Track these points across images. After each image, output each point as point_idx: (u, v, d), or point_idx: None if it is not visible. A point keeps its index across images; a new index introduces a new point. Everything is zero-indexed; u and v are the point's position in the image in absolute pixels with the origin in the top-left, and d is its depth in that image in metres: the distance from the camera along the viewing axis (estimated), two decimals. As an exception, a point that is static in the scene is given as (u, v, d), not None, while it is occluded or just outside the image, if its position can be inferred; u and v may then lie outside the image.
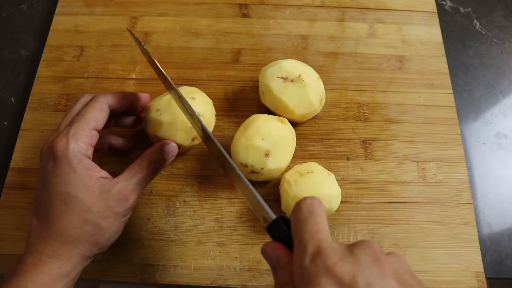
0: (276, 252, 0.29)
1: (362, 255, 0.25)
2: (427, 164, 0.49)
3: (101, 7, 0.59)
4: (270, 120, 0.44)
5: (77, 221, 0.34)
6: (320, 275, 0.24)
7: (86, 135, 0.37)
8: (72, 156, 0.35)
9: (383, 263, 0.25)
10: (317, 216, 0.28)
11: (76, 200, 0.34)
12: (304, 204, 0.29)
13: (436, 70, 0.55)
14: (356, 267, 0.24)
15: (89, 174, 0.35)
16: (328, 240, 0.26)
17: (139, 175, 0.37)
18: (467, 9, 0.62)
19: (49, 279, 0.33)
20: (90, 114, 0.38)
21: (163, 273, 0.44)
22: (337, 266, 0.24)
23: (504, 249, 0.47)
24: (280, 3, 0.59)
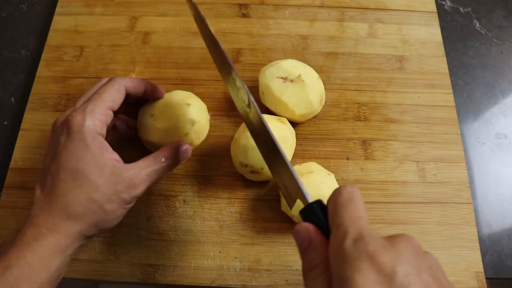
0: (309, 233, 0.28)
1: (402, 247, 0.25)
2: (427, 164, 0.49)
3: (101, 7, 0.59)
4: (270, 120, 0.44)
5: (83, 198, 0.34)
6: (361, 260, 0.24)
7: (103, 114, 0.37)
8: (87, 133, 0.35)
9: (421, 258, 0.25)
10: (358, 203, 0.28)
11: (86, 177, 0.34)
12: (344, 190, 0.28)
13: (436, 70, 0.55)
14: (397, 258, 0.24)
15: (101, 153, 0.35)
16: (368, 228, 0.26)
17: (152, 167, 0.38)
18: (467, 9, 0.62)
19: (47, 252, 0.33)
20: (108, 93, 0.38)
21: (163, 273, 0.44)
22: (379, 253, 0.24)
23: (504, 249, 0.47)
24: (280, 3, 0.59)
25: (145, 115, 0.45)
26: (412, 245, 0.26)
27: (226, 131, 0.51)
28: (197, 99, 0.47)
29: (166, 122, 0.44)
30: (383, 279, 0.23)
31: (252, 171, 0.44)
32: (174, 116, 0.44)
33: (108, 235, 0.45)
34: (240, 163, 0.44)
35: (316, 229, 0.28)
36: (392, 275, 0.23)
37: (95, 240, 0.45)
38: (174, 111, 0.44)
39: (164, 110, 0.44)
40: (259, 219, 0.46)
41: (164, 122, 0.44)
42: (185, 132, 0.45)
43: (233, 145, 0.45)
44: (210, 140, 0.50)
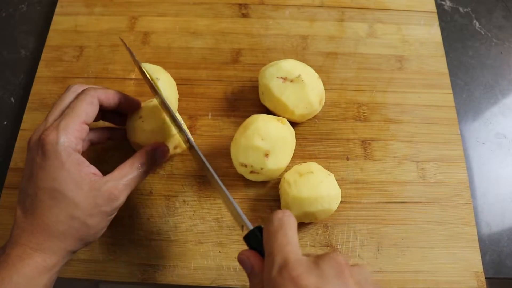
0: (250, 260, 0.31)
1: (326, 267, 0.27)
2: (426, 164, 0.49)
3: (100, 7, 0.59)
4: (270, 120, 0.44)
5: (64, 216, 0.34)
6: (286, 286, 0.26)
7: (77, 129, 0.36)
8: (62, 150, 0.34)
9: (347, 275, 0.26)
10: (287, 229, 0.29)
11: (63, 196, 0.34)
12: (275, 218, 0.30)
13: (435, 70, 0.55)
14: (320, 279, 0.26)
15: (78, 170, 0.35)
16: (295, 253, 0.28)
17: (129, 176, 0.37)
18: (467, 9, 0.62)
19: (34, 272, 0.33)
20: (80, 107, 0.37)
21: (163, 273, 0.44)
22: (302, 277, 0.26)
23: (503, 249, 0.47)
24: (280, 3, 0.59)
25: (134, 117, 0.45)
26: (336, 263, 0.27)
27: (226, 131, 0.51)
28: (167, 74, 0.45)
29: (154, 123, 0.44)
30: None
31: (252, 171, 0.44)
32: (161, 118, 0.44)
33: (108, 235, 0.45)
34: (240, 163, 0.44)
35: (257, 255, 0.31)
36: None
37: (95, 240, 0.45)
38: (161, 112, 0.44)
39: (153, 111, 0.44)
40: (259, 219, 0.46)
41: (153, 123, 0.44)
42: (173, 132, 0.44)
43: (233, 145, 0.45)
44: (210, 140, 0.50)
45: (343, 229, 0.46)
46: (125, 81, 0.54)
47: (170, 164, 0.49)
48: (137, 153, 0.39)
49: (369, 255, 0.45)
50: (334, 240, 0.45)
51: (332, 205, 0.43)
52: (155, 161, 0.40)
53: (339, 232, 0.46)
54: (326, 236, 0.46)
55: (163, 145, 0.41)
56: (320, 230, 0.46)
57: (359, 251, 0.45)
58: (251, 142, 0.42)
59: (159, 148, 0.40)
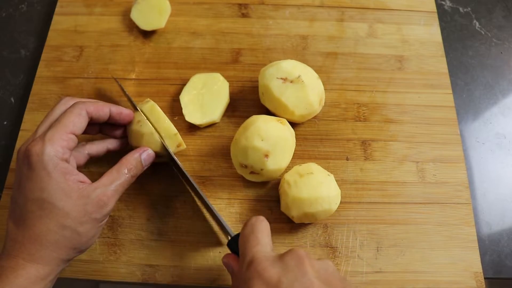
0: (230, 263, 0.36)
1: (288, 260, 0.31)
2: (426, 165, 0.49)
3: (100, 7, 0.59)
4: (270, 120, 0.44)
5: (54, 226, 0.34)
6: (253, 278, 0.30)
7: (63, 139, 0.36)
8: (48, 160, 0.34)
9: (307, 265, 0.31)
10: (258, 232, 0.34)
11: (53, 206, 0.34)
12: (248, 223, 0.35)
13: (435, 70, 0.55)
14: (282, 270, 0.30)
15: (65, 179, 0.35)
16: (263, 251, 0.33)
17: (117, 182, 0.38)
18: (467, 9, 0.62)
19: (27, 282, 0.33)
20: (67, 118, 0.37)
21: (163, 273, 0.44)
22: (266, 270, 0.30)
23: (503, 249, 0.47)
24: (280, 3, 0.59)
25: (133, 122, 0.44)
26: (297, 256, 0.31)
27: (226, 132, 0.51)
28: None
29: (152, 125, 0.44)
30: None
31: (252, 171, 0.44)
32: (159, 121, 0.44)
33: (108, 235, 0.45)
34: (240, 164, 0.44)
35: (236, 258, 0.36)
36: (278, 285, 0.29)
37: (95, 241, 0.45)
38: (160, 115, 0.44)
39: (150, 115, 0.44)
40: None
41: (150, 126, 0.44)
42: (174, 132, 0.44)
43: (233, 146, 0.45)
44: (210, 140, 0.50)
45: (343, 229, 0.46)
46: (125, 81, 0.54)
47: (170, 164, 0.49)
48: (123, 158, 0.40)
49: (369, 255, 0.45)
50: (334, 240, 0.45)
51: (332, 206, 0.43)
52: (141, 165, 0.41)
53: (339, 233, 0.46)
54: (326, 237, 0.46)
55: (147, 149, 0.42)
56: (320, 231, 0.46)
57: (359, 251, 0.45)
58: (251, 143, 0.42)
59: (144, 152, 0.41)
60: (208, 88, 0.51)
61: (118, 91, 0.53)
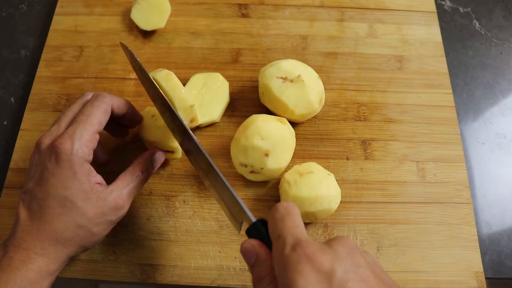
0: (255, 249, 0.30)
1: (339, 247, 0.27)
2: (426, 164, 0.49)
3: (100, 7, 0.59)
4: (270, 120, 0.44)
5: (72, 224, 0.35)
6: (301, 263, 0.26)
7: (90, 140, 0.37)
8: (76, 160, 0.35)
9: (359, 256, 0.27)
10: (294, 216, 0.30)
11: (73, 205, 0.35)
12: (280, 206, 0.30)
13: (435, 70, 0.55)
14: (334, 257, 0.26)
15: (88, 180, 0.36)
16: (305, 235, 0.29)
17: (131, 184, 0.38)
18: (467, 9, 0.62)
19: (37, 276, 0.33)
20: (95, 116, 0.37)
21: (163, 273, 0.44)
22: (317, 254, 0.26)
23: (503, 249, 0.47)
24: (280, 3, 0.59)
25: (147, 116, 0.45)
26: (348, 244, 0.28)
27: (226, 131, 0.51)
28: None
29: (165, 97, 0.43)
30: (323, 278, 0.25)
31: (252, 171, 0.44)
32: (177, 89, 0.43)
33: (108, 235, 0.45)
34: (240, 163, 0.44)
35: (261, 244, 0.31)
36: (331, 273, 0.25)
37: (95, 241, 0.45)
38: (176, 84, 0.43)
39: (166, 82, 0.43)
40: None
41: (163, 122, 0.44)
42: (190, 104, 0.43)
43: (233, 145, 0.45)
44: (210, 140, 0.50)
45: (343, 229, 0.46)
46: (125, 81, 0.54)
47: (170, 164, 0.49)
48: (136, 160, 0.40)
49: (369, 255, 0.45)
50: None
51: (332, 205, 0.43)
52: (152, 167, 0.41)
53: (339, 232, 0.46)
54: (326, 236, 0.46)
55: (158, 150, 0.42)
56: (320, 230, 0.46)
57: (359, 251, 0.45)
58: (251, 142, 0.42)
59: (156, 154, 0.42)
60: (208, 87, 0.51)
61: (118, 91, 0.53)
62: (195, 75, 0.52)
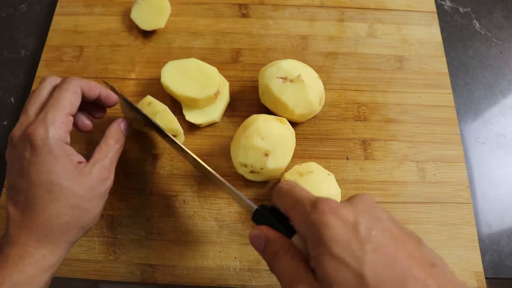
0: (263, 232, 0.31)
1: (359, 203, 0.28)
2: (426, 164, 0.49)
3: (100, 7, 0.59)
4: (270, 120, 0.44)
5: (64, 208, 0.34)
6: (326, 215, 0.26)
7: (64, 122, 0.36)
8: (54, 144, 0.34)
9: (379, 209, 0.28)
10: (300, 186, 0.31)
11: (61, 187, 0.34)
12: (284, 183, 0.32)
13: (435, 70, 0.55)
14: (356, 210, 0.27)
15: (70, 160, 0.35)
16: (317, 195, 0.29)
17: (110, 154, 0.39)
18: (467, 9, 0.62)
19: (36, 269, 0.33)
20: (65, 98, 0.36)
21: (163, 273, 0.44)
22: (339, 208, 0.27)
23: (503, 249, 0.47)
24: (280, 3, 0.59)
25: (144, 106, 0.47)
26: (367, 199, 0.29)
27: (226, 131, 0.51)
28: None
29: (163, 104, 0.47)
30: (349, 228, 0.26)
31: (252, 171, 0.44)
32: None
33: (108, 235, 0.45)
34: (240, 163, 0.44)
35: (268, 228, 0.31)
36: (356, 223, 0.26)
37: (95, 240, 0.45)
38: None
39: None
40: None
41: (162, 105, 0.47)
42: None
43: (233, 145, 0.45)
44: (210, 140, 0.50)
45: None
46: (125, 81, 0.54)
47: (170, 164, 0.49)
48: (106, 131, 0.40)
49: (369, 255, 0.45)
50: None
51: (332, 205, 0.43)
52: (123, 135, 0.42)
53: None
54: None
55: (123, 119, 0.42)
56: (320, 230, 0.46)
57: (359, 251, 0.45)
58: (251, 142, 0.42)
59: (122, 122, 0.42)
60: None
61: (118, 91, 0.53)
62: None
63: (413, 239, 0.27)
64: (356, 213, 0.27)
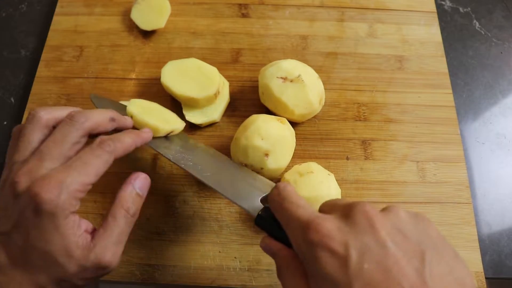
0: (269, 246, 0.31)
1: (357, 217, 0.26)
2: (426, 164, 0.49)
3: (100, 7, 0.59)
4: (270, 120, 0.44)
5: (54, 278, 0.31)
6: (316, 250, 0.25)
7: (82, 191, 0.31)
8: (60, 213, 0.29)
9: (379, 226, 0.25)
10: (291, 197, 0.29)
11: (55, 261, 0.30)
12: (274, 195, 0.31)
13: (435, 70, 0.55)
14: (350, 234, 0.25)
15: (72, 233, 0.30)
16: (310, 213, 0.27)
17: (116, 231, 0.32)
18: (467, 9, 0.62)
19: None
20: (94, 165, 0.31)
21: (163, 273, 0.44)
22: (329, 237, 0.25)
23: (503, 249, 0.47)
24: (280, 3, 0.59)
25: None
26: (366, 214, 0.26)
27: (226, 131, 0.51)
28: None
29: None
30: (340, 263, 0.24)
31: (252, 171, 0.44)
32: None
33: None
34: (240, 163, 0.44)
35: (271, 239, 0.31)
36: (347, 257, 0.24)
37: None
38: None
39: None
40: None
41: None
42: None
43: (233, 145, 0.45)
44: (211, 140, 0.50)
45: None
46: (125, 81, 0.54)
47: (170, 164, 0.49)
48: (116, 198, 0.33)
49: (369, 255, 0.45)
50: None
51: (332, 205, 0.43)
52: (140, 197, 0.34)
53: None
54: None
55: (139, 175, 0.35)
56: (320, 230, 0.46)
57: (359, 251, 0.45)
58: (251, 142, 0.42)
59: (137, 180, 0.34)
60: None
61: (118, 91, 0.53)
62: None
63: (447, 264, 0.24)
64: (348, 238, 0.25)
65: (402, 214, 0.27)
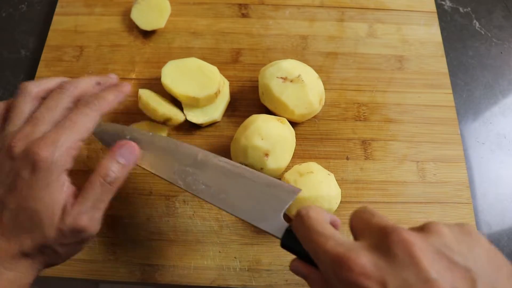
0: (299, 269, 0.29)
1: (397, 251, 0.23)
2: (426, 164, 0.49)
3: (100, 7, 0.59)
4: (270, 120, 0.44)
5: (38, 243, 0.31)
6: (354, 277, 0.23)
7: (74, 148, 0.32)
8: (54, 170, 0.31)
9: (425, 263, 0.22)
10: (316, 227, 0.27)
11: (41, 222, 0.31)
12: (298, 224, 0.28)
13: (435, 70, 0.55)
14: (388, 271, 0.22)
15: (59, 192, 0.31)
16: (340, 245, 0.25)
17: (93, 197, 0.32)
18: (467, 9, 0.62)
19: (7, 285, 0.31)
20: (83, 123, 0.33)
21: (163, 273, 0.44)
22: (363, 275, 0.22)
23: (503, 249, 0.47)
24: (280, 3, 0.59)
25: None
26: (409, 249, 0.23)
27: (226, 131, 0.51)
28: None
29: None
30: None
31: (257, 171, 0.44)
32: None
33: (108, 235, 0.45)
34: (240, 163, 0.44)
35: (299, 262, 0.29)
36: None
37: (95, 240, 0.45)
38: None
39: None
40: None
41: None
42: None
43: (233, 145, 0.45)
44: (211, 139, 0.50)
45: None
46: (125, 81, 0.54)
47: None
48: (97, 165, 0.33)
49: (369, 255, 0.45)
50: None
51: (332, 205, 0.43)
52: (121, 166, 0.34)
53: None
54: (326, 236, 0.46)
55: (126, 144, 0.35)
56: (320, 230, 0.46)
57: (359, 251, 0.45)
58: (251, 142, 0.42)
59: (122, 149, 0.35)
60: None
61: (118, 91, 0.53)
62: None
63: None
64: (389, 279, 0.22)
65: (445, 231, 0.24)
